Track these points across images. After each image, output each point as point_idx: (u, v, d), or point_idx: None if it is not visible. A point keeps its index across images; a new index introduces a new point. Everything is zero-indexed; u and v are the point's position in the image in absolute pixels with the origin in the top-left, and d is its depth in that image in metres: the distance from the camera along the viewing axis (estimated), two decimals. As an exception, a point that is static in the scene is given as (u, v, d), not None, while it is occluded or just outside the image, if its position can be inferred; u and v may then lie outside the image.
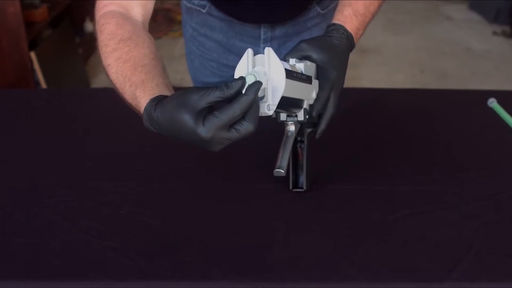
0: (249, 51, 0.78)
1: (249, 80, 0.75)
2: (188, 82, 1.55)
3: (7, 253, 0.83)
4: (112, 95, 1.05)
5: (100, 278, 0.78)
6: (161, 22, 4.33)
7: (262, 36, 1.30)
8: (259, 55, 0.78)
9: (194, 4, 1.31)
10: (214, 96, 0.73)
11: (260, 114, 0.78)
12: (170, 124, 0.76)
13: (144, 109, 0.80)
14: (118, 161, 1.06)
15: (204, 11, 1.30)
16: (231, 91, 0.73)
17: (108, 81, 1.03)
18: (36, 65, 2.80)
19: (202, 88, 0.75)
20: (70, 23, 3.40)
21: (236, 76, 0.78)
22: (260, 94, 0.78)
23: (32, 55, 2.78)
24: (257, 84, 0.74)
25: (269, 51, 0.77)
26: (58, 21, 3.23)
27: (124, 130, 1.19)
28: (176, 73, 3.42)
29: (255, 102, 0.74)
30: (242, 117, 0.75)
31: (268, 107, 0.78)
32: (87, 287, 0.78)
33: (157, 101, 0.79)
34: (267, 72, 0.77)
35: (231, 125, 0.75)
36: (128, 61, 0.89)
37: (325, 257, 0.82)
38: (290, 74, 0.80)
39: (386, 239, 0.86)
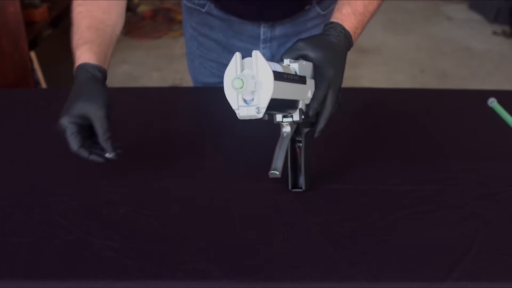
0: (237, 55, 0.79)
1: (237, 84, 0.76)
2: (188, 82, 1.55)
3: (7, 253, 0.83)
4: (112, 94, 1.05)
5: (100, 278, 0.78)
6: (161, 22, 4.33)
7: (262, 36, 1.30)
8: (247, 58, 0.79)
9: (194, 3, 1.31)
10: (99, 132, 0.91)
11: (250, 117, 0.79)
12: (75, 90, 0.94)
13: (83, 66, 0.96)
14: (118, 161, 1.06)
15: (203, 10, 1.30)
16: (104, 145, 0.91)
17: (108, 81, 1.04)
18: (36, 65, 2.80)
19: (107, 119, 0.92)
20: (70, 23, 3.40)
21: (225, 79, 0.79)
22: (249, 97, 0.78)
23: (32, 55, 2.78)
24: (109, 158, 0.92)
25: (256, 54, 0.78)
26: (58, 21, 3.23)
27: (124, 130, 1.19)
28: (176, 73, 3.42)
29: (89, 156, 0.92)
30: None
31: (258, 110, 0.78)
32: (87, 287, 0.78)
33: (99, 71, 0.96)
34: (255, 75, 0.78)
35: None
36: (86, 18, 1.03)
37: (325, 257, 0.82)
38: (280, 76, 0.80)
39: (386, 239, 0.86)
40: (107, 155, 0.92)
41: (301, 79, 0.86)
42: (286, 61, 0.88)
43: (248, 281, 0.78)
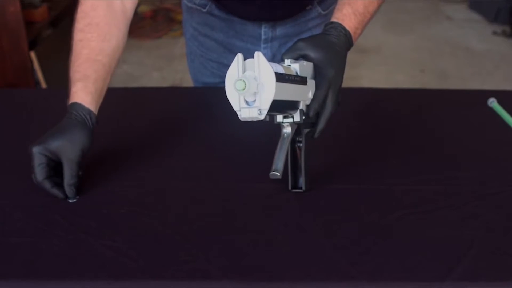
0: (239, 56, 0.78)
1: (239, 86, 0.76)
2: (188, 82, 1.55)
3: (7, 253, 0.83)
4: (111, 95, 1.05)
5: (100, 278, 0.78)
6: (161, 22, 4.33)
7: (263, 36, 1.30)
8: (249, 60, 0.79)
9: (194, 3, 1.31)
10: (66, 176, 0.92)
11: (251, 119, 0.79)
12: (59, 126, 0.95)
13: (75, 106, 0.96)
14: (118, 161, 1.06)
15: (204, 10, 1.30)
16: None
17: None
18: (36, 65, 2.80)
19: (77, 165, 0.93)
20: (70, 23, 3.39)
21: (227, 80, 0.79)
22: (251, 98, 0.78)
23: (32, 55, 2.78)
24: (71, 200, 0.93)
25: (258, 55, 0.77)
26: (58, 21, 3.23)
27: (124, 130, 1.19)
28: (176, 73, 3.42)
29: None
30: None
31: (260, 112, 0.78)
32: (87, 287, 0.78)
33: (90, 116, 0.96)
34: (257, 76, 0.77)
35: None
36: (85, 48, 1.01)
37: (325, 257, 0.82)
38: (282, 78, 0.79)
39: (386, 239, 0.86)
40: (69, 199, 0.94)
41: (302, 80, 0.86)
42: (287, 61, 0.88)
43: (248, 281, 0.78)
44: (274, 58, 1.33)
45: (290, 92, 0.83)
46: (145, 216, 0.91)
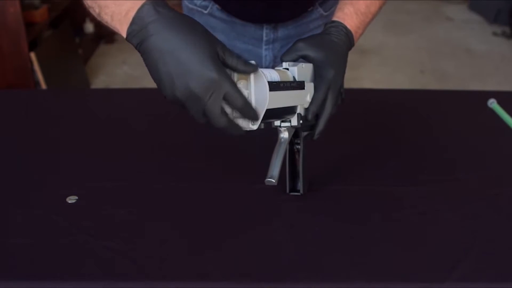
0: None
1: None
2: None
3: (7, 253, 0.83)
4: (112, 95, 1.05)
5: (100, 278, 0.78)
6: (161, 22, 4.32)
7: (265, 38, 1.30)
8: None
9: (195, 4, 1.30)
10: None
11: (244, 128, 0.77)
12: (184, 42, 0.72)
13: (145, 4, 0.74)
14: (118, 161, 1.06)
15: (206, 12, 1.30)
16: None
17: (108, 82, 1.04)
18: (36, 66, 2.81)
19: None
20: (70, 24, 3.40)
21: None
22: None
23: (32, 55, 2.79)
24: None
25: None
26: (58, 22, 3.24)
27: (124, 130, 1.19)
28: (176, 74, 3.41)
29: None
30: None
31: (252, 122, 0.77)
32: (87, 287, 0.78)
33: (173, 12, 0.74)
34: (250, 86, 0.76)
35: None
36: None
37: (325, 257, 0.82)
38: (276, 86, 0.78)
39: (386, 239, 0.86)
40: None
41: (298, 85, 0.85)
42: (285, 65, 0.87)
43: (248, 281, 0.78)
44: (276, 59, 1.33)
45: (285, 98, 0.81)
46: (145, 216, 0.91)
